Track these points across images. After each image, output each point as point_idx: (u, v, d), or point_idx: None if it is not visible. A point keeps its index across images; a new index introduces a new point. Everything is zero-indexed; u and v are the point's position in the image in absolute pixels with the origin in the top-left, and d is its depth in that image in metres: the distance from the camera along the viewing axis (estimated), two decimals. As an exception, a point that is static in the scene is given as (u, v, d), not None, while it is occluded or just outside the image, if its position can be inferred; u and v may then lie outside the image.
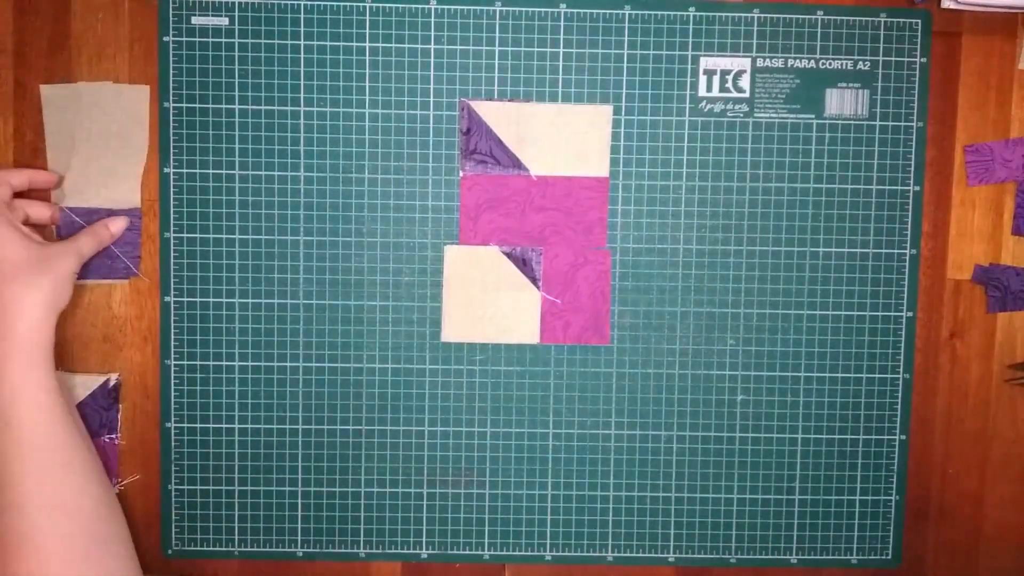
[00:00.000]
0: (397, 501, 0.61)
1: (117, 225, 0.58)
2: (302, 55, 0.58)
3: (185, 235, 0.59)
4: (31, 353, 0.50)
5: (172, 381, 0.59)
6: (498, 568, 0.62)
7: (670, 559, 0.61)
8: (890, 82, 0.59)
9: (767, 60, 0.59)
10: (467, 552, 0.61)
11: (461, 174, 0.59)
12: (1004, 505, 0.62)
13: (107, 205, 0.58)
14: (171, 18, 0.58)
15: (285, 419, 0.60)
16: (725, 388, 0.61)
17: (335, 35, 0.58)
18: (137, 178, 0.58)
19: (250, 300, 0.59)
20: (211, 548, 0.60)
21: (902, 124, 0.60)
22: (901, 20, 0.59)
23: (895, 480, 0.61)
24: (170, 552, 0.60)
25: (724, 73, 0.59)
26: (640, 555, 0.61)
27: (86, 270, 0.57)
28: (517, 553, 0.61)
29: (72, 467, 0.51)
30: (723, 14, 0.59)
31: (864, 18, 0.59)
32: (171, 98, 0.58)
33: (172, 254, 0.59)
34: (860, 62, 0.59)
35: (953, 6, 0.58)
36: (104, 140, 0.58)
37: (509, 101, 0.59)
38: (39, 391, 0.51)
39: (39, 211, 0.57)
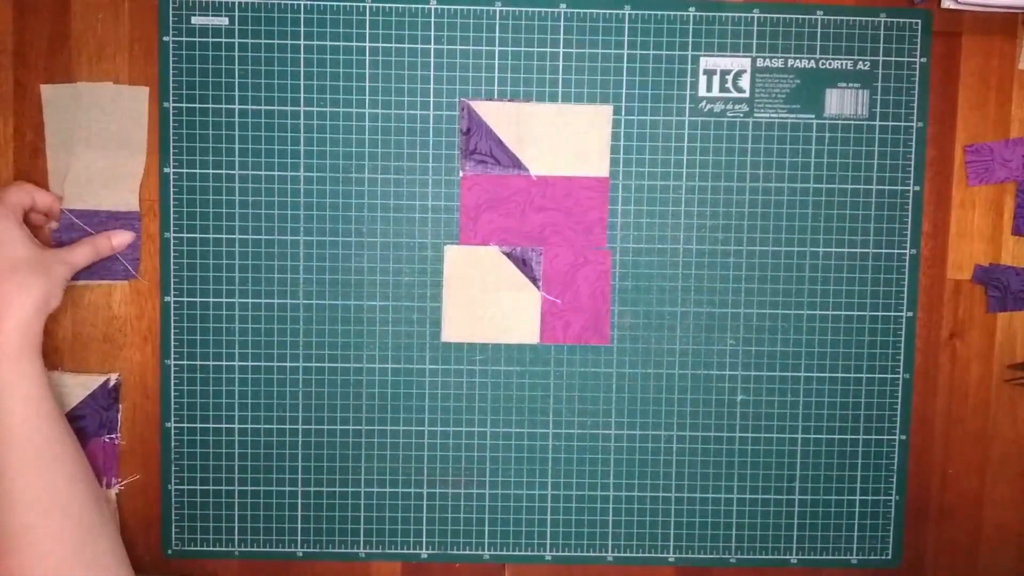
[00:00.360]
0: (397, 501, 0.61)
1: (119, 239, 0.58)
2: (302, 55, 0.58)
3: (185, 235, 0.59)
4: (21, 349, 0.51)
5: (172, 381, 0.59)
6: (498, 568, 0.62)
7: (670, 559, 0.61)
8: (890, 82, 0.59)
9: (767, 60, 0.59)
10: (467, 552, 0.61)
11: (461, 174, 0.59)
12: (1004, 505, 0.62)
13: (106, 206, 0.58)
14: (171, 18, 0.58)
15: (285, 419, 0.60)
16: (725, 388, 0.61)
17: (335, 35, 0.58)
18: (137, 178, 0.58)
19: (250, 300, 0.59)
20: (211, 548, 0.60)
21: (902, 124, 0.60)
22: (901, 20, 0.59)
23: (895, 480, 0.61)
24: (170, 552, 0.60)
25: (724, 73, 0.59)
26: (640, 555, 0.61)
27: (86, 271, 0.57)
28: (517, 553, 0.61)
29: (63, 461, 0.52)
30: (723, 14, 0.59)
31: (864, 18, 0.59)
32: (171, 98, 0.58)
33: (172, 254, 0.59)
34: (860, 62, 0.59)
35: (953, 6, 0.58)
36: (104, 140, 0.58)
37: (509, 101, 0.59)
38: (30, 386, 0.51)
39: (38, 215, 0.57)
